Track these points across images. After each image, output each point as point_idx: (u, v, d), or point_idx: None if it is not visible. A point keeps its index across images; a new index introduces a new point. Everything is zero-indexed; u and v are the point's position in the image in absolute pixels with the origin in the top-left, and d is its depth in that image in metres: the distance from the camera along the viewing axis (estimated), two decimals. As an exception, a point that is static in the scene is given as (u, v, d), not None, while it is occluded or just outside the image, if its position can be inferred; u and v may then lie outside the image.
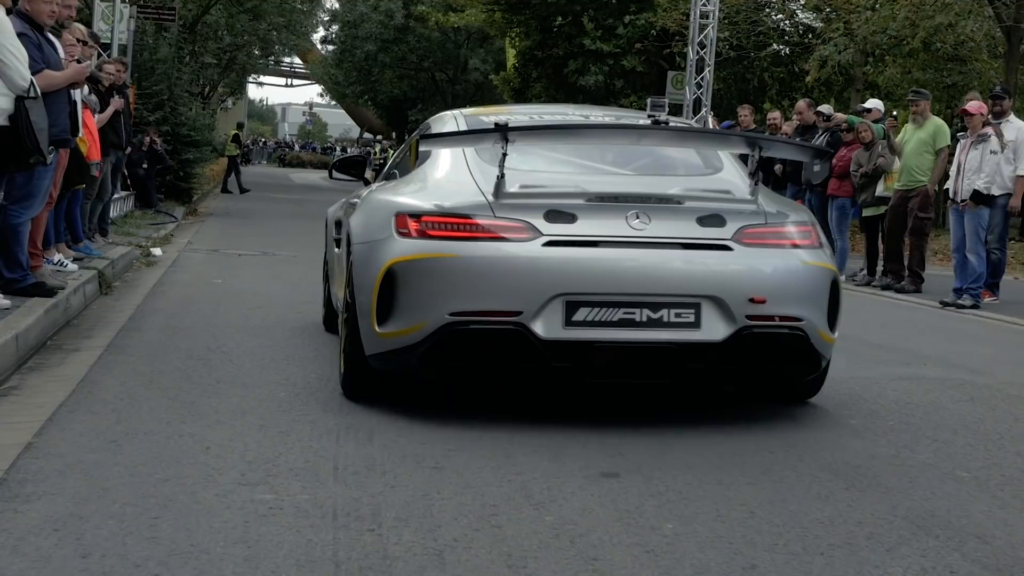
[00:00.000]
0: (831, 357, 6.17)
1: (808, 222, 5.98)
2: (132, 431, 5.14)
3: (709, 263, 5.58)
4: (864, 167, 14.28)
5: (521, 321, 5.38)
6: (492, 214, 5.51)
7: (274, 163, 78.63)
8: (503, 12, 33.78)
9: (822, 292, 5.79)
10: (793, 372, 5.98)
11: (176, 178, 23.92)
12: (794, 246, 5.75)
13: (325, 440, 5.13)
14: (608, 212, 5.59)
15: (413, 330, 5.48)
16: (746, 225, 5.67)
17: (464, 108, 7.96)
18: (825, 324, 5.81)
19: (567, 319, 5.42)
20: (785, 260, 5.69)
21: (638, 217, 5.55)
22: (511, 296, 5.38)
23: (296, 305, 9.85)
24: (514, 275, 5.40)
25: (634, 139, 6.23)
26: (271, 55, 58.85)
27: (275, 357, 7.25)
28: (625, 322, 5.46)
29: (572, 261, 5.44)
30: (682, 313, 5.50)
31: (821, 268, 5.81)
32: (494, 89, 52.91)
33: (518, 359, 5.46)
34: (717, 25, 19.54)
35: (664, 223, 5.58)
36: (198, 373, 6.61)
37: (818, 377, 6.25)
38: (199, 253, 14.98)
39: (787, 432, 5.74)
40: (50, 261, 9.76)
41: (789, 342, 5.67)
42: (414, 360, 5.55)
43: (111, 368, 6.65)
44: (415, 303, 5.48)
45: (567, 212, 5.53)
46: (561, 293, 5.40)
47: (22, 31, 7.99)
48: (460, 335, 5.43)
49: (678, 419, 5.94)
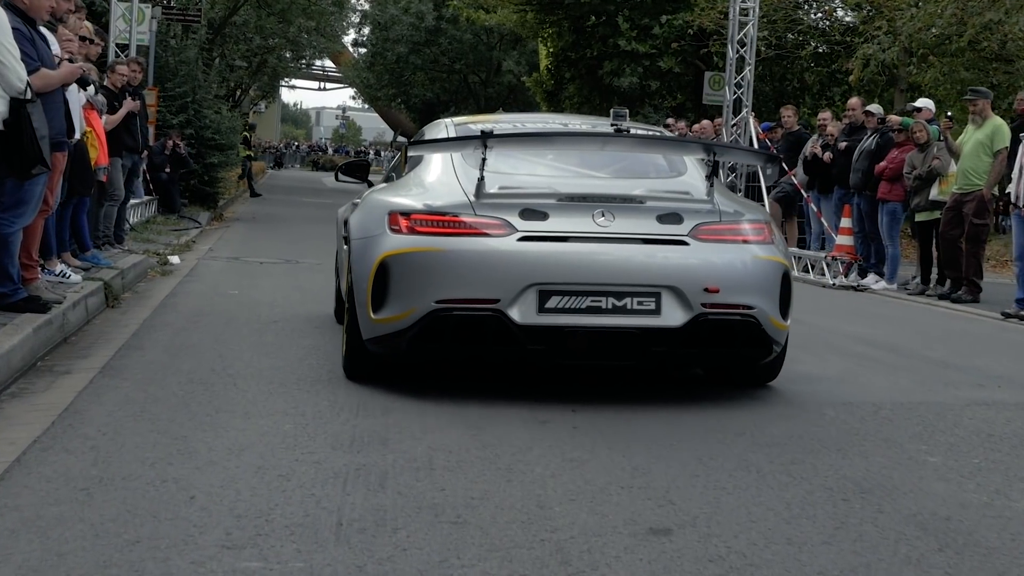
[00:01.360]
0: (786, 343, 6.68)
1: (762, 220, 6.55)
2: (109, 476, 4.47)
3: (668, 256, 6.17)
4: (918, 169, 13.50)
5: (499, 308, 6.00)
6: (473, 212, 6.15)
7: (307, 167, 78.29)
8: (535, 12, 33.02)
9: (773, 283, 6.36)
10: (747, 355, 6.52)
11: (200, 182, 23.34)
12: (746, 242, 6.34)
13: (330, 486, 4.45)
14: (577, 210, 6.20)
15: (403, 316, 6.12)
16: (702, 223, 6.27)
17: (455, 117, 8.57)
18: (777, 312, 6.37)
19: (540, 306, 6.03)
20: (738, 254, 6.28)
21: (603, 215, 6.16)
22: (490, 286, 6.01)
23: (314, 319, 9.20)
24: (492, 267, 6.02)
25: (599, 145, 7.05)
26: (302, 58, 58.32)
27: (284, 380, 6.59)
28: (593, 309, 6.06)
29: (544, 254, 6.06)
30: (644, 301, 6.10)
31: (772, 262, 6.39)
32: (527, 91, 52.33)
33: (497, 342, 6.08)
34: (757, 23, 18.70)
35: (627, 220, 6.19)
36: (196, 400, 5.95)
37: (775, 361, 6.73)
38: (219, 261, 14.35)
39: (858, 473, 5.01)
40: (51, 272, 9.14)
41: (742, 328, 6.25)
42: (404, 343, 6.18)
43: (101, 395, 6.00)
44: (405, 292, 6.12)
45: (540, 211, 6.16)
46: (535, 283, 6.01)
47: (15, 25, 7.39)
48: (445, 320, 6.06)
49: (729, 457, 5.22)
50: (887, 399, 6.80)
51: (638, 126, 8.11)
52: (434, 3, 52.55)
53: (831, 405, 6.52)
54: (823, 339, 9.41)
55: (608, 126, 7.42)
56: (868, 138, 14.69)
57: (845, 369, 7.94)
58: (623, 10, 29.17)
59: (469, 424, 5.62)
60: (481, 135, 6.39)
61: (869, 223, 14.67)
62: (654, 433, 5.60)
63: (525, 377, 6.89)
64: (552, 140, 6.97)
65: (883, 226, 14.32)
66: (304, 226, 22.60)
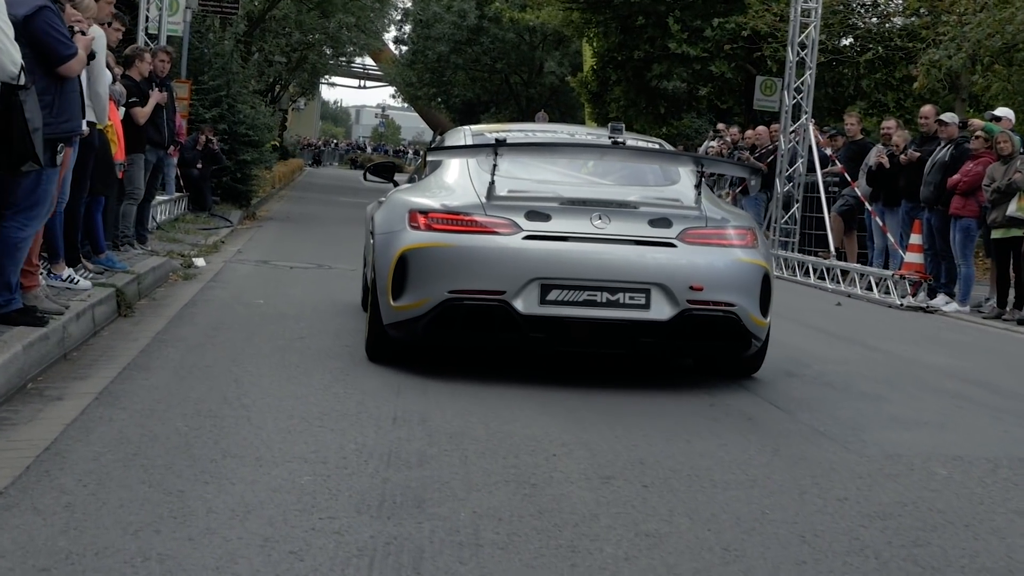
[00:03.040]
0: (767, 337, 7.25)
1: (747, 227, 7.16)
2: (79, 550, 3.61)
3: (657, 257, 6.80)
4: (997, 182, 12.49)
5: (505, 299, 6.65)
6: (484, 213, 6.80)
7: (345, 165, 77.58)
8: (581, 11, 31.99)
9: (754, 284, 6.97)
10: (729, 348, 7.14)
11: (233, 180, 22.50)
12: (730, 245, 6.95)
13: (353, 569, 3.58)
14: (576, 213, 6.84)
15: (419, 304, 6.77)
16: (689, 227, 6.91)
17: (474, 125, 9.20)
18: (757, 310, 6.97)
19: (542, 298, 6.68)
20: (722, 256, 6.91)
21: (601, 218, 6.82)
22: (497, 279, 6.65)
23: (344, 335, 8.35)
24: (500, 262, 6.67)
25: (597, 156, 7.76)
26: (342, 55, 57.63)
27: (307, 415, 5.72)
28: (589, 302, 6.72)
29: (547, 252, 6.71)
30: (635, 296, 6.75)
31: (754, 264, 7.01)
32: (570, 92, 51.37)
33: (502, 330, 6.74)
34: (819, 24, 17.73)
35: (622, 223, 6.83)
36: (201, 440, 5.09)
37: (757, 355, 7.35)
38: (247, 264, 13.49)
39: (999, 562, 4.10)
40: (57, 277, 8.33)
41: (724, 323, 6.87)
42: (420, 329, 6.84)
43: (90, 430, 5.15)
44: (422, 282, 6.76)
45: (543, 212, 6.81)
46: (537, 277, 6.67)
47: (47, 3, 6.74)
48: (456, 309, 6.71)
49: (837, 534, 4.31)
50: (1003, 453, 5.87)
51: (636, 138, 8.72)
52: (476, 2, 51.69)
53: (939, 460, 5.61)
54: (907, 373, 8.47)
55: (607, 138, 8.01)
56: (941, 149, 13.68)
57: (942, 412, 7.00)
58: (674, 10, 28.10)
59: (521, 480, 4.74)
60: (494, 143, 7.10)
61: (940, 240, 13.67)
62: (739, 496, 4.70)
63: (579, 414, 6.02)
64: (557, 150, 7.62)
65: (956, 243, 13.31)
66: (338, 227, 21.75)
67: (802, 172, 17.37)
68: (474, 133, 8.24)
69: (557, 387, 6.82)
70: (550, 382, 6.96)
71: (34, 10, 6.75)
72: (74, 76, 7.12)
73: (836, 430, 6.17)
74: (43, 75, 6.84)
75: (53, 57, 6.86)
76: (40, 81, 6.74)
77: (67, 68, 6.98)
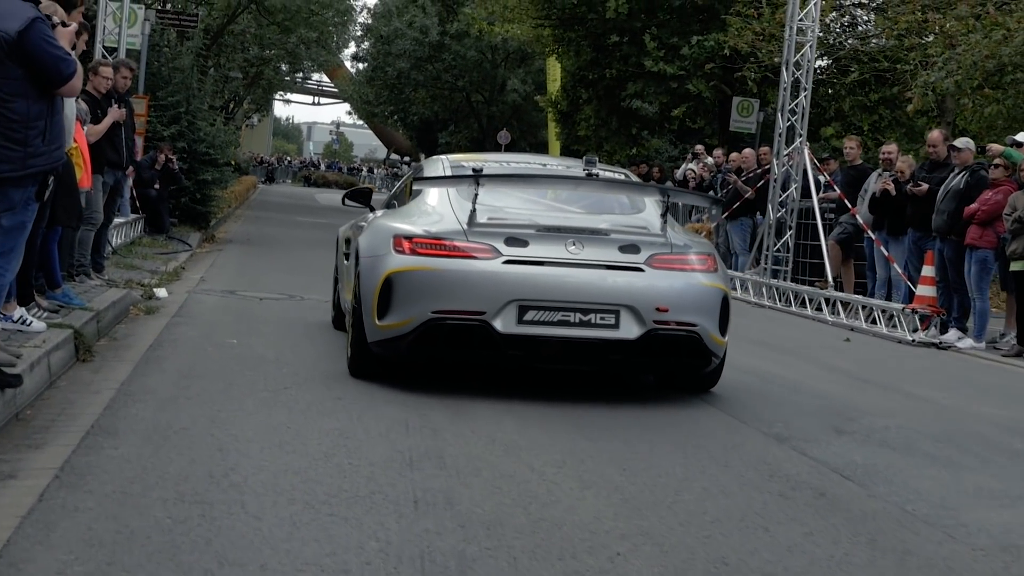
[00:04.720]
0: (724, 355, 7.70)
1: (707, 253, 7.67)
2: None
3: (627, 280, 7.26)
4: (1018, 211, 11.70)
5: (485, 319, 7.06)
6: (466, 238, 7.22)
7: (299, 182, 76.34)
8: (553, 28, 31.09)
9: (714, 305, 7.47)
10: (691, 365, 7.61)
11: (192, 200, 21.41)
12: (693, 270, 7.45)
13: None
14: (552, 239, 7.29)
15: (404, 324, 7.17)
16: (656, 253, 7.40)
17: (451, 155, 9.70)
18: (717, 330, 7.45)
19: (519, 318, 7.09)
20: (685, 280, 7.40)
21: (574, 244, 7.27)
22: (477, 300, 7.06)
23: (332, 384, 7.40)
24: (480, 284, 7.08)
25: (572, 187, 8.20)
26: (299, 71, 56.62)
27: (310, 499, 4.74)
28: (563, 322, 7.14)
29: (524, 275, 7.13)
30: (605, 317, 7.19)
31: (714, 288, 7.50)
32: (531, 111, 50.58)
33: (482, 348, 7.16)
34: (815, 43, 16.93)
35: (593, 249, 7.30)
36: (190, 540, 4.10)
37: (715, 371, 7.80)
38: (212, 295, 12.43)
39: None
40: (8, 319, 7.31)
41: (687, 342, 7.33)
42: (404, 347, 7.26)
43: (52, 528, 4.15)
44: (406, 303, 7.16)
45: (521, 238, 7.25)
46: (515, 299, 7.08)
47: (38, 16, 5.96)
48: (439, 328, 7.12)
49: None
50: None
51: (607, 169, 9.04)
52: (439, 18, 50.82)
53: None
54: (963, 428, 7.61)
55: (581, 170, 8.38)
56: (956, 176, 12.87)
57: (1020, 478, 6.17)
58: (650, 27, 27.23)
59: None
60: (474, 174, 7.47)
61: (953, 272, 12.85)
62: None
63: (626, 492, 5.09)
64: (534, 181, 8.20)
65: (971, 276, 12.50)
66: (303, 251, 20.67)
67: (795, 198, 16.57)
68: (452, 163, 8.72)
69: (575, 438, 5.91)
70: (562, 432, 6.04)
71: (27, 23, 5.81)
72: (74, 96, 6.17)
73: (926, 510, 5.30)
74: (37, 99, 5.92)
75: (54, 77, 5.95)
76: (34, 106, 5.83)
77: (69, 88, 6.07)
